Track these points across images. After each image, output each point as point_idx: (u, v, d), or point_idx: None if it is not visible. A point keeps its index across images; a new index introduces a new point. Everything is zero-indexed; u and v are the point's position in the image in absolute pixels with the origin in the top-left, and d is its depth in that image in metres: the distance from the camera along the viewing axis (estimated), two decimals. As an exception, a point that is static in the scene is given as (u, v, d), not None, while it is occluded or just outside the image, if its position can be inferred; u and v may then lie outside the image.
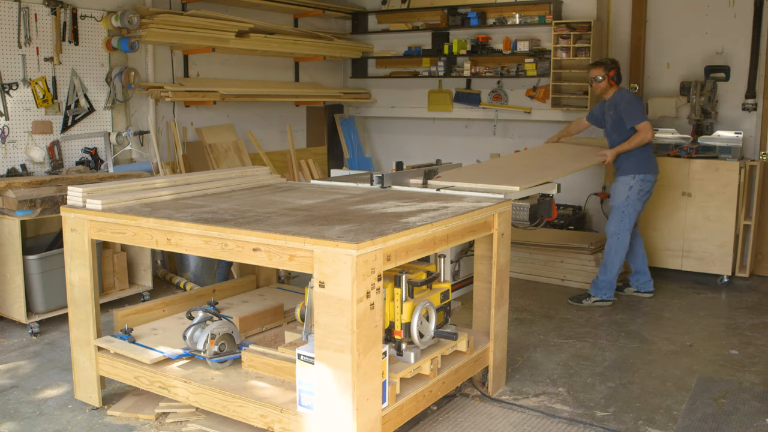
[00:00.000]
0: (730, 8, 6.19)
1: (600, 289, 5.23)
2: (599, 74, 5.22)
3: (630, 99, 5.18)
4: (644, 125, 5.08)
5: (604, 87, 5.25)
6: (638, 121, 5.09)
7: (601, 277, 5.23)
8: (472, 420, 3.38)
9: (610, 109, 5.25)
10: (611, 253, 5.20)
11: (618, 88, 5.27)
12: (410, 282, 3.09)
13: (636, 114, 5.11)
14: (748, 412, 3.51)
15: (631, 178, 5.16)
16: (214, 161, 6.36)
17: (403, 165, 4.48)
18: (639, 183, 5.15)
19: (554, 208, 4.32)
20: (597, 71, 5.24)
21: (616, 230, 5.19)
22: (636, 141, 5.08)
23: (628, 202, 5.17)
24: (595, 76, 5.24)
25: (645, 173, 5.17)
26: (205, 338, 3.22)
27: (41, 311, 4.59)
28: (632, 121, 5.10)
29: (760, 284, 5.90)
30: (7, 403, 3.57)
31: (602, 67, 5.22)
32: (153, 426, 3.31)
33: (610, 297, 5.24)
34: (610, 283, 5.22)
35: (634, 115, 5.10)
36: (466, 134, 7.72)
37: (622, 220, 5.18)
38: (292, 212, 3.18)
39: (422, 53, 7.57)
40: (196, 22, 5.84)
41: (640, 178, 5.15)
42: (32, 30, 5.07)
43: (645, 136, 5.07)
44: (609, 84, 5.23)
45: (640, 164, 5.16)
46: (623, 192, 5.19)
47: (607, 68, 5.21)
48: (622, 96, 5.21)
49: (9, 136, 5.03)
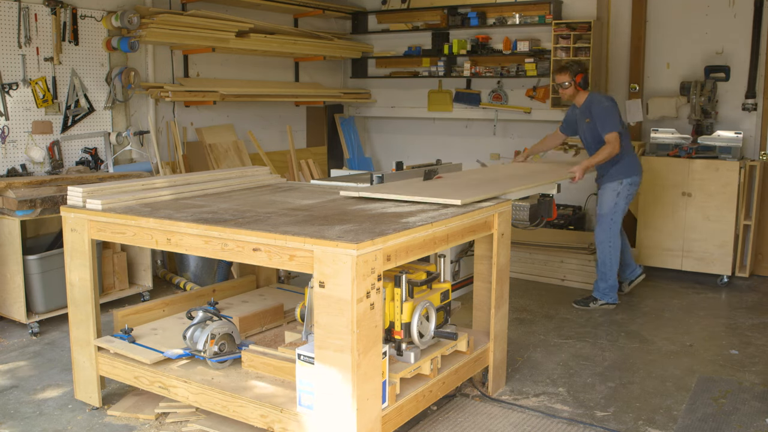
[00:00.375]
0: (730, 8, 6.19)
1: (605, 294, 5.17)
2: (565, 80, 4.96)
3: (604, 105, 4.91)
4: (612, 137, 4.82)
5: (571, 93, 5.00)
6: (607, 131, 4.84)
7: (603, 284, 5.17)
8: (472, 420, 3.38)
9: (584, 116, 5.02)
10: (606, 261, 5.11)
11: (588, 93, 5.05)
12: (410, 282, 3.09)
13: (607, 122, 4.85)
14: (748, 412, 3.51)
15: (618, 184, 5.03)
16: (214, 161, 6.36)
17: (403, 165, 4.48)
18: (627, 188, 5.04)
19: (554, 208, 4.32)
20: (562, 77, 4.97)
21: (607, 238, 5.08)
22: (604, 155, 4.83)
23: (617, 208, 5.06)
24: (561, 82, 4.98)
25: (632, 176, 5.04)
26: (205, 338, 3.22)
27: (41, 311, 4.59)
28: (602, 129, 4.87)
29: (760, 284, 5.89)
30: (7, 403, 3.57)
31: (567, 72, 4.94)
32: (153, 426, 3.31)
33: (615, 300, 5.19)
34: (612, 287, 5.16)
35: (605, 123, 4.85)
36: (466, 134, 7.72)
37: (611, 227, 5.07)
38: (292, 212, 3.18)
39: (422, 53, 7.57)
40: (196, 22, 5.84)
41: (627, 183, 5.03)
42: (32, 30, 5.07)
43: (613, 150, 4.83)
44: (576, 90, 4.98)
45: (626, 169, 5.01)
46: (611, 199, 5.05)
47: (573, 73, 4.94)
48: (594, 101, 4.97)
49: (9, 136, 5.03)
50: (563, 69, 5.00)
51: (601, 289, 5.18)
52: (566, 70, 4.97)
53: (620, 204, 5.06)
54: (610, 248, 5.09)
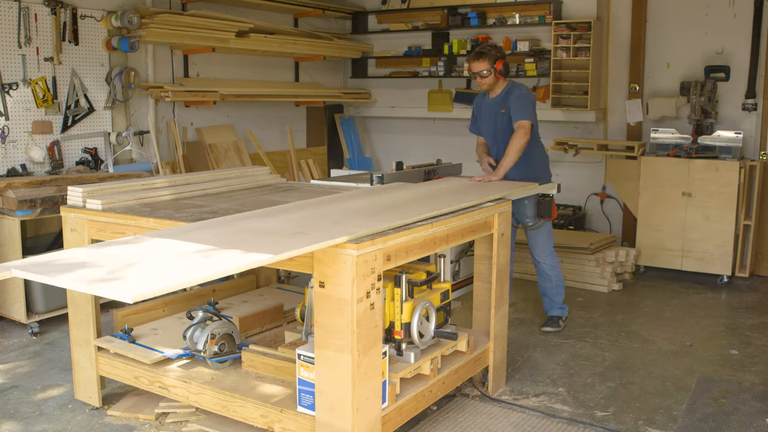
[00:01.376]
0: (730, 8, 6.19)
1: (564, 308, 4.76)
2: (484, 68, 4.30)
3: (522, 92, 4.32)
4: (525, 123, 4.20)
5: (491, 82, 4.36)
6: (520, 118, 4.21)
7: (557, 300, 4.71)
8: (472, 420, 3.38)
9: (500, 106, 4.38)
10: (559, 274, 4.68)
11: (507, 82, 4.42)
12: (410, 282, 3.09)
13: (523, 110, 4.23)
14: (748, 412, 3.51)
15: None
16: (214, 161, 6.36)
17: (403, 165, 4.48)
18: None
19: (554, 208, 4.31)
20: (480, 64, 4.31)
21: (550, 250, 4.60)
22: (516, 146, 4.17)
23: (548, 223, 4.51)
24: (480, 70, 4.32)
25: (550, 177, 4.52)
26: (205, 338, 3.22)
27: (41, 311, 4.58)
28: (515, 116, 4.24)
29: (760, 284, 5.90)
30: (7, 403, 3.57)
31: (486, 58, 4.29)
32: (153, 426, 3.31)
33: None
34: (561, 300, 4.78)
35: (521, 110, 4.23)
36: (466, 134, 7.68)
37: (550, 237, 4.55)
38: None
39: (422, 53, 7.57)
40: (196, 22, 5.84)
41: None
42: (32, 30, 5.07)
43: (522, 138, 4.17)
44: (496, 78, 4.35)
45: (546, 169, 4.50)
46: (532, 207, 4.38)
47: (493, 59, 4.30)
48: (514, 89, 4.36)
49: (9, 136, 5.03)
50: (481, 55, 4.33)
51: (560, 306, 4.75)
52: (484, 56, 4.31)
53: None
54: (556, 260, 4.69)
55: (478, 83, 4.43)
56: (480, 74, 4.34)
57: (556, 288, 4.68)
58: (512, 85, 4.43)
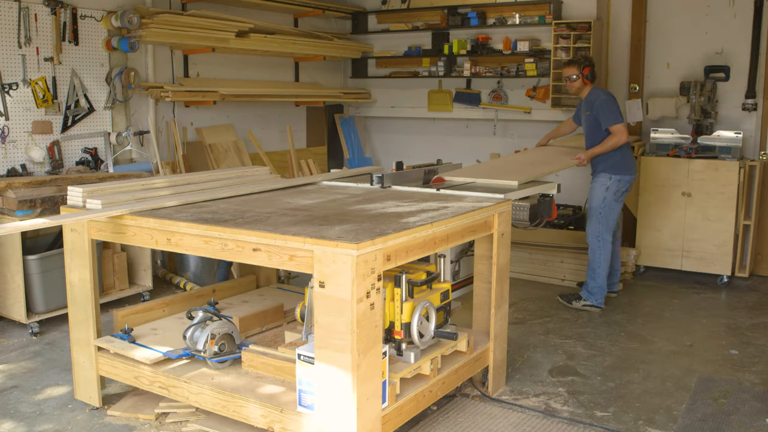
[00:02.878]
0: (730, 8, 6.19)
1: (592, 294, 5.13)
2: (573, 73, 5.15)
3: (605, 99, 5.07)
4: (618, 128, 4.98)
5: (579, 86, 5.17)
6: (612, 123, 5.00)
7: (591, 283, 5.13)
8: (472, 420, 3.38)
9: (586, 108, 5.18)
10: (595, 257, 5.10)
11: (592, 87, 5.19)
12: (410, 282, 3.09)
13: (610, 115, 5.02)
14: (748, 412, 3.51)
15: (608, 179, 5.07)
16: (214, 161, 6.36)
17: (403, 165, 4.48)
18: (616, 184, 5.06)
19: (554, 208, 4.31)
20: (570, 70, 5.17)
21: (597, 232, 5.10)
22: (609, 144, 5.00)
23: (605, 203, 5.08)
24: (569, 75, 5.18)
25: (622, 174, 5.08)
26: (205, 338, 3.22)
27: (41, 311, 4.59)
28: (606, 122, 5.01)
29: (760, 284, 5.90)
30: (7, 403, 3.57)
31: (576, 65, 5.15)
32: (153, 426, 3.31)
33: (600, 303, 5.12)
34: (601, 288, 5.11)
35: (608, 116, 5.01)
36: (466, 134, 7.72)
37: (601, 222, 5.09)
38: (292, 212, 3.18)
39: (422, 53, 7.57)
40: (196, 22, 5.84)
41: (616, 179, 5.06)
42: (32, 30, 5.07)
43: (619, 139, 4.98)
44: (583, 82, 5.15)
45: (616, 165, 5.07)
46: (600, 193, 5.10)
47: (581, 66, 5.13)
48: (596, 95, 5.12)
49: (9, 136, 5.03)
50: (572, 62, 5.22)
51: (589, 288, 5.15)
52: (574, 63, 5.17)
53: (609, 199, 5.08)
54: (599, 243, 5.09)
55: (568, 86, 5.28)
56: (569, 78, 5.19)
57: (589, 267, 5.17)
58: (594, 90, 5.19)
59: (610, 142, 4.99)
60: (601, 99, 5.06)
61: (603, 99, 5.06)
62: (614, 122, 5.00)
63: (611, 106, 5.04)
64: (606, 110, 5.02)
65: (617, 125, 4.99)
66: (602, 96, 5.10)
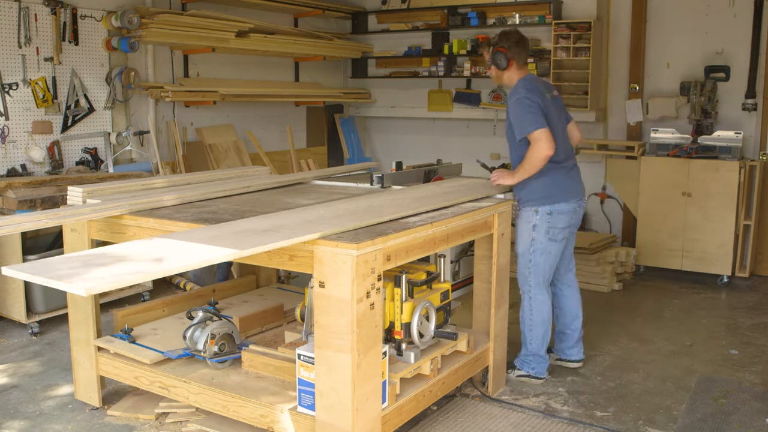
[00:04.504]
0: (730, 8, 6.19)
1: (524, 363, 3.85)
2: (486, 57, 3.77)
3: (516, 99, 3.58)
4: (538, 134, 3.48)
5: (496, 74, 3.79)
6: (527, 131, 3.51)
7: (523, 349, 3.85)
8: (472, 420, 3.38)
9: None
10: (525, 317, 3.80)
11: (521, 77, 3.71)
12: (410, 282, 3.09)
13: (524, 120, 3.53)
14: (748, 412, 3.51)
15: (534, 213, 3.67)
16: (214, 161, 6.36)
17: (403, 165, 4.48)
18: (546, 218, 3.65)
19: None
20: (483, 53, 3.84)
21: (527, 286, 3.76)
22: (532, 159, 3.52)
23: (535, 246, 3.68)
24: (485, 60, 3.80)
25: (552, 203, 3.65)
26: (205, 338, 3.22)
27: (41, 311, 4.58)
28: (520, 131, 3.57)
29: (760, 284, 5.90)
30: (7, 403, 3.57)
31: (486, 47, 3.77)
32: (153, 426, 3.31)
33: (540, 373, 3.81)
34: (535, 356, 3.80)
35: (522, 122, 3.54)
36: (466, 134, 7.72)
37: (531, 272, 3.71)
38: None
39: (422, 53, 7.57)
40: (196, 22, 5.84)
41: (545, 211, 3.65)
42: (32, 30, 5.07)
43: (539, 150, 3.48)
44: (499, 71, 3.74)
45: (541, 191, 3.65)
46: (526, 233, 3.71)
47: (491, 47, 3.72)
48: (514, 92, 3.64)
49: (9, 136, 5.03)
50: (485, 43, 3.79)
51: (521, 356, 3.87)
52: (485, 45, 3.78)
53: (539, 240, 3.67)
54: (530, 300, 3.76)
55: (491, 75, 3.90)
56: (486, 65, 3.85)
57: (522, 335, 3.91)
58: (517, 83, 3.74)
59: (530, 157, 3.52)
60: (513, 99, 3.60)
61: (515, 99, 3.58)
62: (531, 128, 3.50)
63: (525, 107, 3.54)
64: (517, 114, 3.56)
65: (537, 131, 3.49)
66: (520, 92, 3.59)
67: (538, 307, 3.76)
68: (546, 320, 3.77)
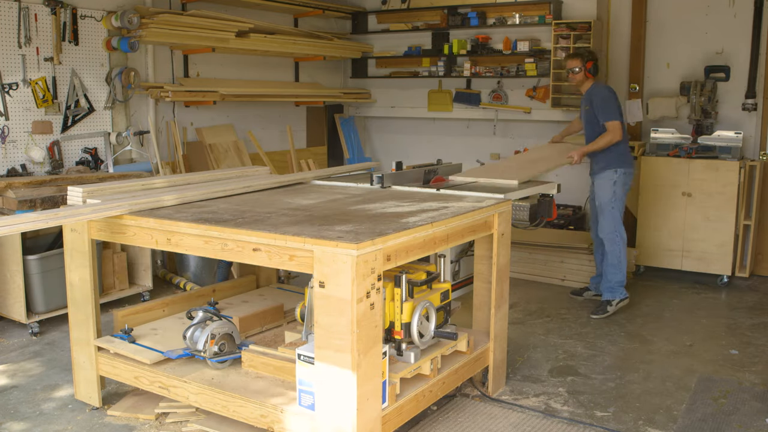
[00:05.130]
0: (730, 8, 6.19)
1: (616, 291, 5.03)
2: (576, 65, 5.08)
3: (605, 95, 5.01)
4: (614, 125, 4.91)
5: (581, 79, 5.11)
6: (608, 119, 4.93)
7: (615, 278, 5.02)
8: (472, 420, 3.38)
9: (586, 103, 5.11)
10: (616, 251, 5.01)
11: (594, 81, 5.14)
12: (410, 282, 3.09)
13: (608, 111, 4.95)
14: (748, 412, 3.51)
15: (614, 173, 5.01)
16: (214, 161, 6.36)
17: (403, 165, 4.48)
18: (622, 177, 5.02)
19: (554, 208, 4.31)
20: (574, 62, 5.11)
21: (613, 228, 5.02)
22: (604, 141, 4.93)
23: (616, 197, 5.02)
24: (572, 67, 5.11)
25: (626, 167, 5.04)
26: (205, 338, 3.22)
27: (41, 311, 4.59)
28: (603, 117, 4.95)
29: (760, 284, 5.90)
30: (7, 403, 3.57)
31: (579, 58, 5.09)
32: (153, 426, 3.31)
33: (625, 294, 5.08)
34: (623, 281, 5.05)
35: (606, 112, 4.94)
36: (467, 134, 7.72)
37: (614, 216, 5.03)
38: (292, 212, 3.18)
39: (422, 53, 7.57)
40: (196, 22, 5.84)
41: (622, 172, 5.01)
42: (32, 30, 5.07)
43: (614, 137, 4.91)
44: (585, 76, 5.09)
45: (619, 159, 5.02)
46: (608, 188, 5.03)
47: (584, 59, 5.07)
48: (597, 90, 5.06)
49: (9, 136, 5.03)
50: (575, 55, 5.17)
51: (614, 284, 5.03)
52: (578, 56, 5.12)
53: (618, 193, 5.03)
54: (618, 236, 5.02)
55: (570, 78, 5.22)
56: (572, 71, 5.12)
57: (610, 263, 5.05)
58: (595, 85, 5.12)
59: (605, 140, 4.93)
60: (601, 95, 5.01)
61: (603, 95, 5.00)
62: (611, 118, 4.93)
63: (610, 102, 4.98)
64: (604, 105, 4.96)
65: (613, 122, 4.92)
66: (604, 92, 5.04)
67: (625, 240, 5.04)
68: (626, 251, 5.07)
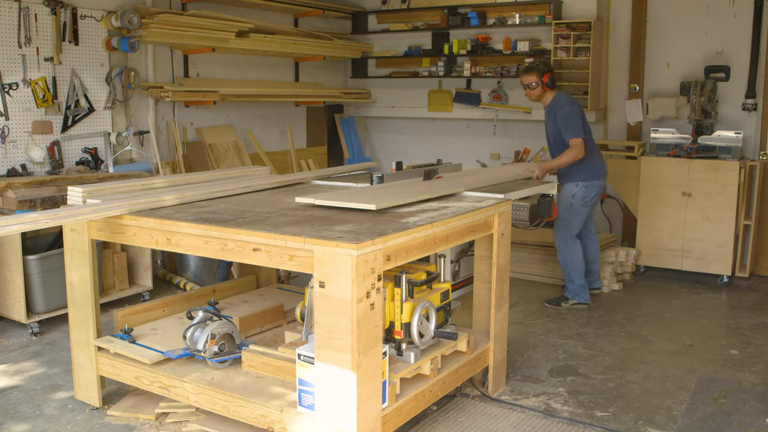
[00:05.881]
0: (730, 8, 6.19)
1: (575, 294, 5.18)
2: (532, 80, 4.98)
3: (567, 111, 4.92)
4: (576, 142, 4.86)
5: (539, 93, 5.02)
6: (572, 136, 4.87)
7: (570, 285, 5.19)
8: (472, 420, 3.38)
9: (549, 118, 5.06)
10: (566, 261, 5.14)
11: (554, 94, 5.04)
12: (410, 282, 3.09)
13: (570, 127, 4.88)
14: (748, 412, 3.51)
15: (574, 186, 5.03)
16: (214, 161, 6.36)
17: (403, 165, 4.48)
18: (583, 190, 5.03)
19: (554, 208, 4.32)
20: (529, 77, 4.99)
21: (562, 240, 5.12)
22: (566, 158, 4.89)
23: (571, 210, 5.05)
24: (528, 83, 5.00)
25: (590, 180, 5.04)
26: (205, 338, 3.22)
27: (41, 311, 4.59)
28: (566, 134, 4.90)
29: (760, 284, 5.90)
30: (7, 403, 3.57)
31: (535, 72, 4.97)
32: (153, 426, 3.31)
33: (586, 300, 5.20)
34: (581, 287, 5.17)
35: (568, 128, 4.89)
36: (467, 134, 7.72)
37: (567, 227, 5.09)
38: (292, 212, 3.18)
39: (422, 53, 7.57)
40: (196, 22, 5.84)
41: (583, 186, 5.02)
42: (32, 30, 5.07)
43: (576, 153, 4.86)
44: (543, 90, 5.00)
45: (583, 172, 5.02)
46: (566, 200, 5.07)
47: (540, 73, 4.96)
48: (559, 105, 4.97)
49: (9, 136, 5.03)
50: (530, 69, 5.01)
51: (570, 290, 5.21)
52: (533, 71, 4.98)
53: (575, 206, 5.05)
54: (567, 248, 5.11)
55: (527, 94, 5.08)
56: (529, 86, 5.00)
57: (565, 276, 5.22)
58: (557, 98, 5.03)
59: (567, 156, 4.89)
60: (564, 110, 4.93)
61: (566, 111, 4.92)
62: (574, 135, 4.87)
63: (573, 118, 4.90)
64: (567, 122, 4.89)
65: (576, 139, 4.86)
66: (566, 107, 4.94)
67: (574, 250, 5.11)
68: (580, 259, 5.15)
